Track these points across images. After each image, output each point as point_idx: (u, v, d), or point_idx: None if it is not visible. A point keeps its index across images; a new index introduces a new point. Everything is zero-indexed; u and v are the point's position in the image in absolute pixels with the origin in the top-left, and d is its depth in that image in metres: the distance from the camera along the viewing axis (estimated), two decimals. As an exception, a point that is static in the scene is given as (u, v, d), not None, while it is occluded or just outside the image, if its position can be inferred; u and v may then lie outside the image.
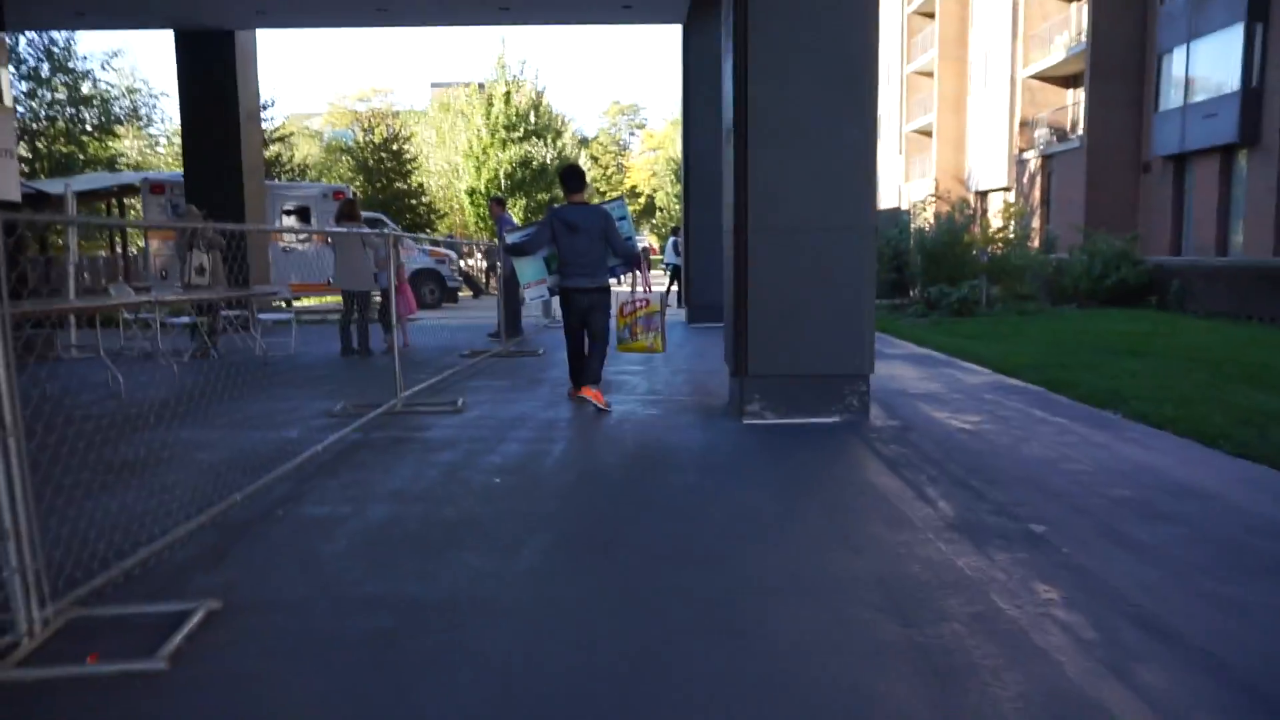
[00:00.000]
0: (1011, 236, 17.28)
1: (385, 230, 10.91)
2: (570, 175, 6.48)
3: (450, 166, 38.63)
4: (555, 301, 9.10)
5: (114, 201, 20.53)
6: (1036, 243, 19.85)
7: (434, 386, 7.47)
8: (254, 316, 10.50)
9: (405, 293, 10.81)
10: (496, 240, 11.20)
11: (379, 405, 6.24)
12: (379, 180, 32.34)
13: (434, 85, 60.31)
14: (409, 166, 33.99)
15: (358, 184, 32.15)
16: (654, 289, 6.70)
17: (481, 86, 33.78)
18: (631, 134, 72.03)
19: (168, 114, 33.27)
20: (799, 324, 5.74)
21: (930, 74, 36.66)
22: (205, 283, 9.87)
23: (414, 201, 33.50)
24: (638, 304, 6.53)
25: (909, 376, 7.93)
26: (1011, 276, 16.42)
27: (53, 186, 16.63)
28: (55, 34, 23.33)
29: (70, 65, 24.77)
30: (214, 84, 13.44)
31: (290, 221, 17.87)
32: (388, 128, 34.36)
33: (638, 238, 7.62)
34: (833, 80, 5.58)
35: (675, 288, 18.42)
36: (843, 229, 5.68)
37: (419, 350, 10.52)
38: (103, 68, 32.53)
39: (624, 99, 73.53)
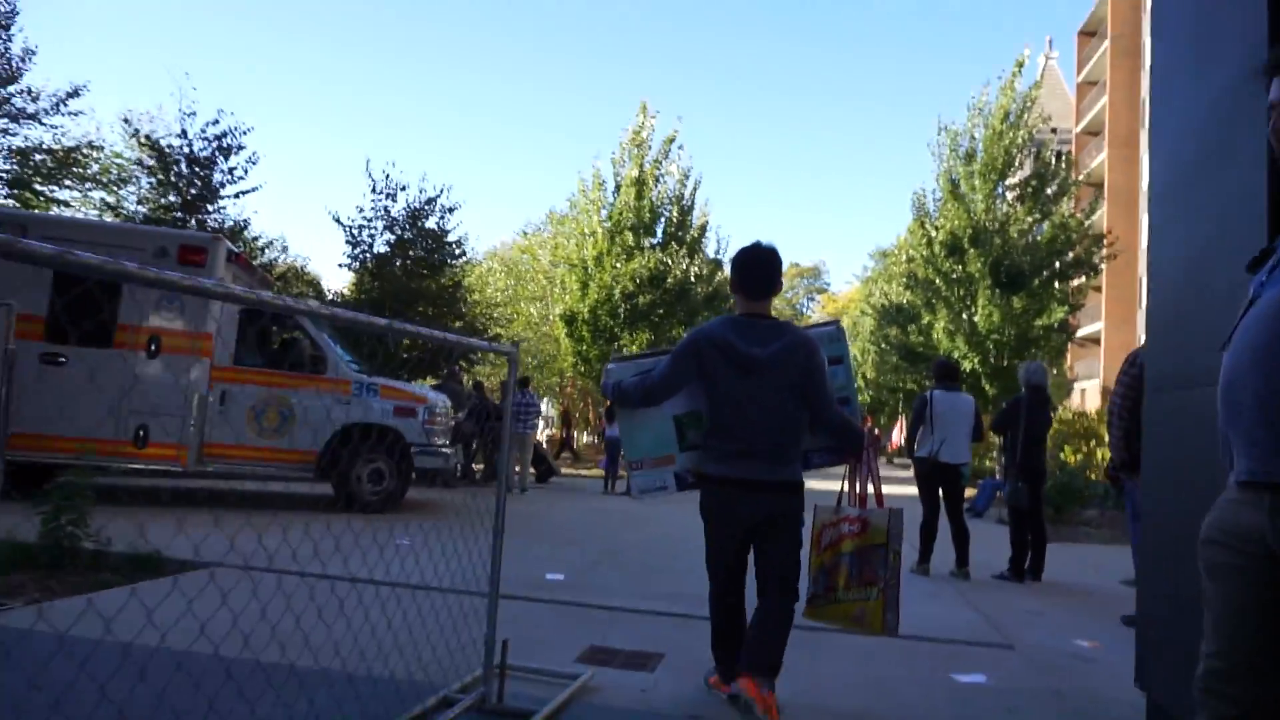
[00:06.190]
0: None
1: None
2: (753, 265, 3.42)
3: (549, 281, 27.29)
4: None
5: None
6: None
7: None
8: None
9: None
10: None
11: None
12: (399, 268, 17.26)
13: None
14: (455, 252, 18.28)
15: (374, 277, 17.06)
16: (874, 500, 3.42)
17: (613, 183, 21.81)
18: (811, 298, 64.94)
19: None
20: None
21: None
22: None
23: (444, 310, 17.33)
24: (844, 525, 3.31)
25: None
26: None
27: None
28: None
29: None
30: None
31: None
32: (434, 188, 18.07)
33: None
34: None
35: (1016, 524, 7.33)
36: None
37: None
38: None
39: (804, 261, 66.36)
